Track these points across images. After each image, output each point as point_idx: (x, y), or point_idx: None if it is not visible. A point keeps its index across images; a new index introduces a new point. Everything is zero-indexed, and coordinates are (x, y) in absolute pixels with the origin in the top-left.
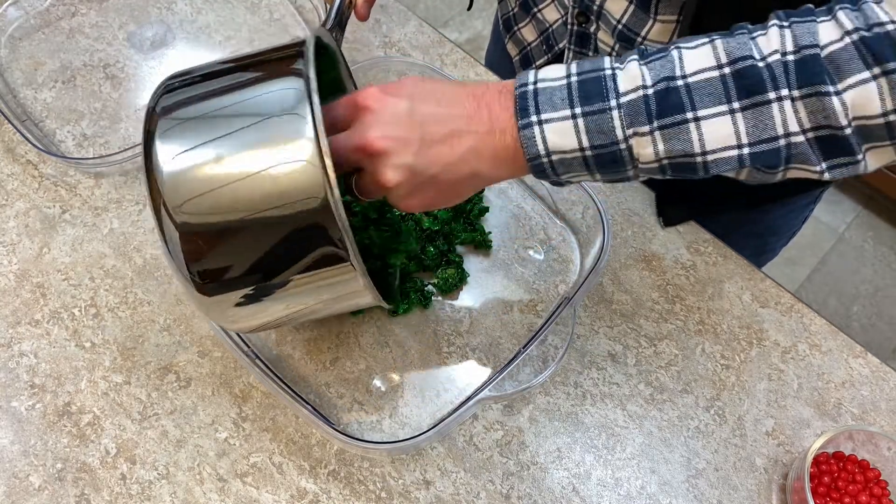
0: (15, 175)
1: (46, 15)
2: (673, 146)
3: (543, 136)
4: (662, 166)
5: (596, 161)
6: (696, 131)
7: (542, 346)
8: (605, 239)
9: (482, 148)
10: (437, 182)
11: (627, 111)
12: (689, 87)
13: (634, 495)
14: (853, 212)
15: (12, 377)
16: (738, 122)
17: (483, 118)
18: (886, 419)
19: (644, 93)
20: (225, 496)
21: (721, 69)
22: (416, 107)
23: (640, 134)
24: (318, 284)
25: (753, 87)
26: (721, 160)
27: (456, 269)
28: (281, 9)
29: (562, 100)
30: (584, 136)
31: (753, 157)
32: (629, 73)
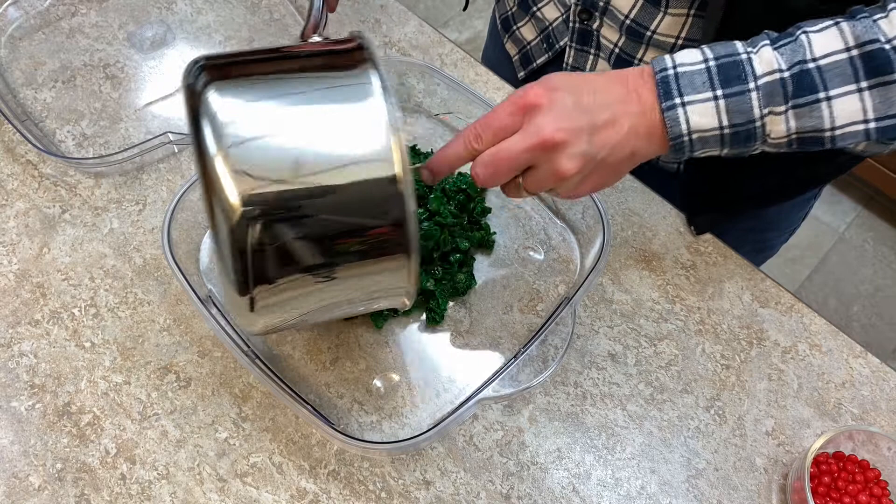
0: (15, 175)
1: (46, 15)
2: (805, 123)
3: (686, 116)
4: (791, 141)
5: (732, 138)
6: (828, 109)
7: (542, 346)
8: (605, 239)
9: (639, 127)
10: (605, 164)
11: (765, 92)
12: (821, 69)
13: (634, 495)
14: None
15: (12, 377)
16: (865, 100)
17: (633, 100)
18: (886, 419)
19: (780, 76)
20: (225, 496)
21: (850, 51)
22: (580, 97)
23: (776, 113)
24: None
25: (881, 67)
26: (848, 134)
27: (466, 274)
28: (281, 9)
29: (703, 83)
30: (725, 115)
31: (879, 130)
32: (764, 57)
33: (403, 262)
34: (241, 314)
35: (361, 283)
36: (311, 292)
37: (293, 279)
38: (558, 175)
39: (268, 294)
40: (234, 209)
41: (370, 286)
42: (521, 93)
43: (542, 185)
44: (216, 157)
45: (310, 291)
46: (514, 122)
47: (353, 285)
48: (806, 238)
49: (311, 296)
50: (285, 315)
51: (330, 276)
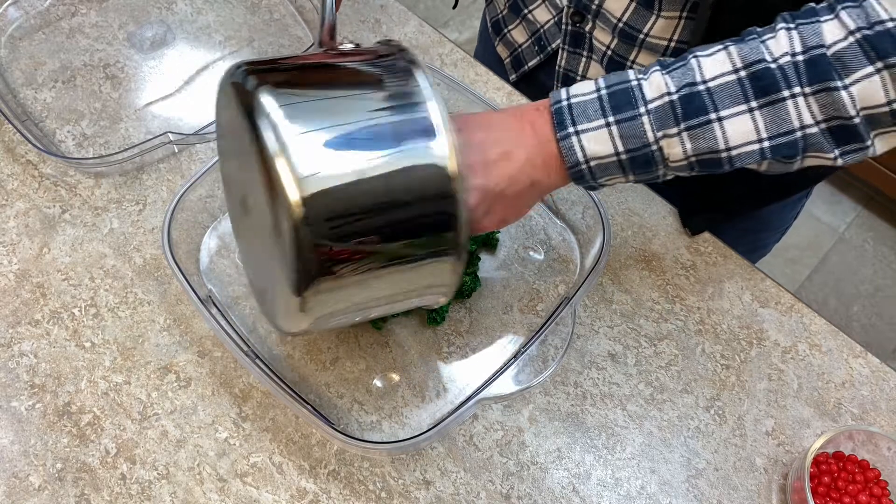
0: (15, 175)
1: (46, 15)
2: (699, 144)
3: (581, 144)
4: (691, 163)
5: (630, 163)
6: (720, 129)
7: (542, 346)
8: (605, 239)
9: (534, 158)
10: (505, 197)
11: (656, 116)
12: (710, 90)
13: (634, 495)
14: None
15: (12, 377)
16: (757, 119)
17: (528, 133)
18: (886, 419)
19: (669, 99)
20: (225, 496)
21: (738, 73)
22: (470, 136)
23: (669, 136)
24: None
25: (768, 86)
26: (744, 154)
27: (471, 276)
28: (281, 9)
29: (595, 111)
30: (619, 141)
31: (773, 149)
32: (653, 83)
33: (453, 261)
34: (289, 315)
35: (409, 282)
36: (361, 291)
37: (348, 277)
38: None
39: (321, 293)
40: (295, 207)
41: (415, 285)
42: None
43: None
44: (276, 155)
45: (360, 290)
46: None
47: (400, 285)
48: (806, 238)
49: (361, 294)
50: (332, 312)
51: (381, 275)
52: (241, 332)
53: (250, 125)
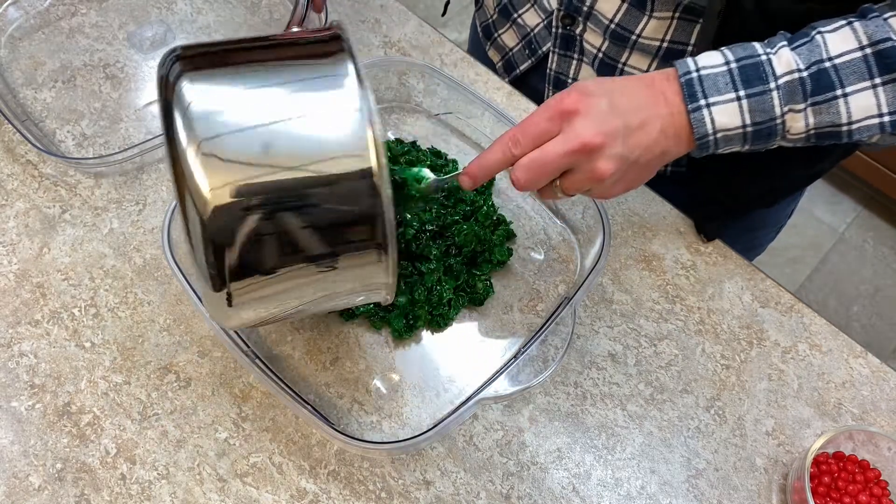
0: (15, 175)
1: (46, 15)
2: (823, 119)
3: (712, 117)
4: (809, 136)
5: (754, 135)
6: (845, 105)
7: (542, 346)
8: (605, 239)
9: (668, 128)
10: (637, 165)
11: (785, 91)
12: (837, 67)
13: (634, 495)
14: (853, 212)
15: (12, 377)
16: (880, 95)
17: (661, 102)
18: (886, 419)
19: (799, 75)
20: (225, 496)
21: (863, 50)
22: (614, 101)
23: (796, 111)
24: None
25: (894, 64)
26: (864, 127)
27: (484, 283)
28: (281, 9)
29: (725, 84)
30: (748, 115)
31: (893, 123)
32: (783, 58)
33: (379, 256)
34: (219, 310)
35: (338, 278)
36: (287, 287)
37: (268, 273)
38: (596, 177)
39: (244, 288)
40: (207, 202)
41: (348, 281)
42: (558, 99)
43: (579, 186)
44: (188, 149)
45: (286, 286)
46: (552, 127)
47: (329, 280)
48: (806, 238)
49: (289, 291)
50: (263, 310)
51: (306, 271)
52: (241, 332)
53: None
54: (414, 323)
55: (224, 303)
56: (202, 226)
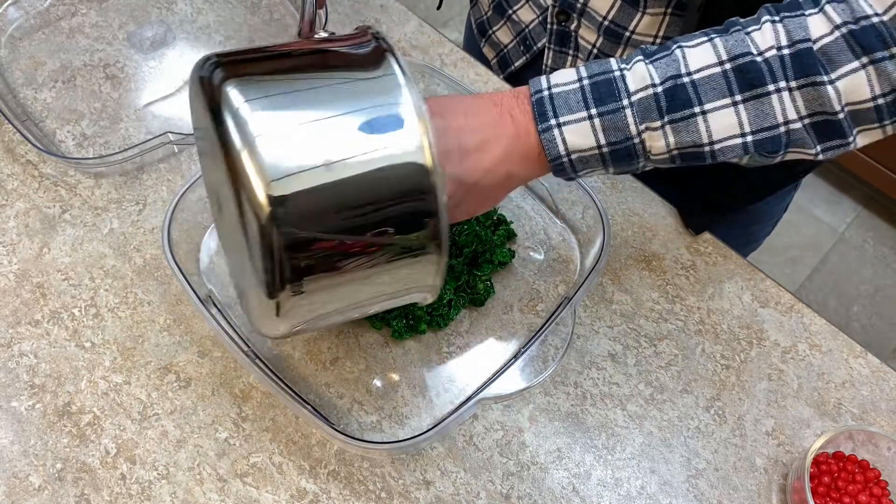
0: (15, 175)
1: (46, 15)
2: (683, 138)
3: (563, 137)
4: (672, 156)
5: (612, 156)
6: (704, 123)
7: (542, 346)
8: (605, 239)
9: (512, 151)
10: (478, 188)
11: (639, 108)
12: (695, 83)
13: (634, 495)
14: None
15: (12, 377)
16: (741, 113)
17: (507, 123)
18: (886, 419)
19: (654, 91)
20: (225, 496)
21: (723, 65)
22: (448, 122)
23: (652, 129)
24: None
25: (754, 80)
26: (727, 148)
27: (485, 283)
28: (281, 9)
29: (577, 102)
30: (601, 134)
31: (756, 144)
32: (637, 73)
33: (434, 257)
34: (266, 318)
35: (390, 282)
36: (338, 292)
37: (323, 278)
38: None
39: (296, 296)
40: (263, 206)
41: (397, 285)
42: None
43: None
44: (242, 152)
45: (338, 291)
46: None
47: (380, 283)
48: (806, 238)
49: (338, 296)
50: (310, 316)
51: (360, 275)
52: (241, 332)
53: (216, 121)
54: (414, 323)
55: (273, 311)
56: (259, 230)
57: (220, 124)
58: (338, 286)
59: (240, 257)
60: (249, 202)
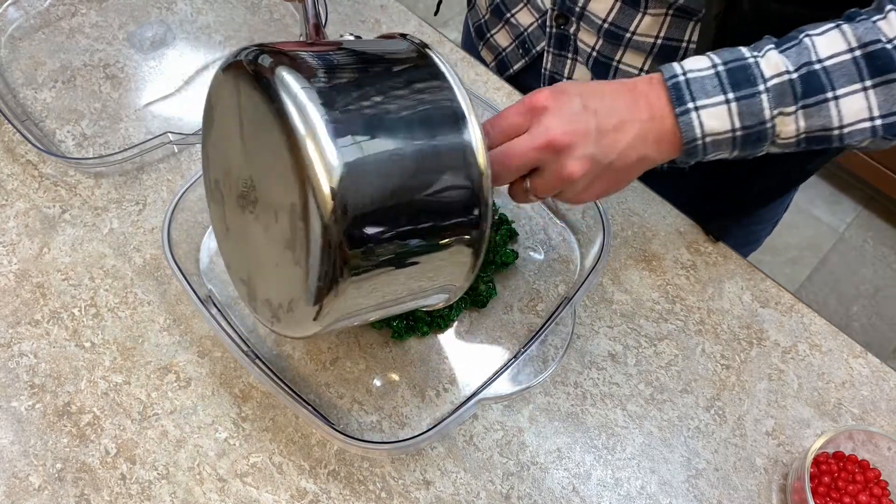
0: (15, 175)
1: (46, 15)
2: (814, 123)
3: (700, 120)
4: (799, 140)
5: (743, 140)
6: (836, 108)
7: (542, 346)
8: (605, 239)
9: (647, 133)
10: (612, 169)
11: (774, 94)
12: (827, 69)
13: (634, 495)
14: (853, 212)
15: (12, 377)
16: (870, 98)
17: (642, 106)
18: (886, 419)
19: (789, 77)
20: (225, 496)
21: (853, 52)
22: (587, 102)
23: (786, 114)
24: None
25: (884, 66)
26: (856, 131)
27: (487, 285)
28: (281, 9)
29: (714, 87)
30: (737, 118)
31: (885, 127)
32: (770, 61)
33: (471, 259)
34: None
35: (425, 281)
36: (376, 294)
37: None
38: (564, 177)
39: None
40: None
41: (430, 284)
42: (532, 95)
43: (548, 187)
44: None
45: (376, 293)
46: (523, 122)
47: (415, 285)
48: (806, 238)
49: (374, 298)
50: (342, 319)
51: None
52: (241, 332)
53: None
54: (414, 324)
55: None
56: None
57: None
58: (377, 288)
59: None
60: (312, 195)
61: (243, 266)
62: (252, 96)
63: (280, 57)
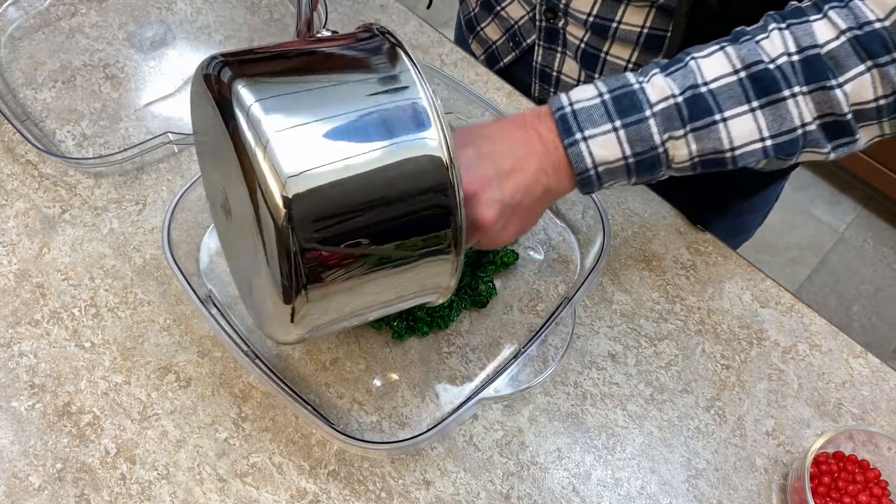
0: (15, 175)
1: (46, 15)
2: (705, 145)
3: (590, 150)
4: (694, 164)
5: (637, 167)
6: (725, 130)
7: (542, 346)
8: (605, 239)
9: (546, 165)
10: (521, 207)
11: (662, 118)
12: (713, 92)
13: (634, 495)
14: (853, 212)
15: (12, 377)
16: (759, 119)
17: (534, 141)
18: (886, 419)
19: (675, 101)
20: (225, 496)
21: (738, 73)
22: (480, 149)
23: (675, 137)
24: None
25: (769, 87)
26: (748, 153)
27: (487, 285)
28: (281, 9)
29: (601, 115)
30: (627, 145)
31: (776, 147)
32: (656, 85)
33: (451, 258)
34: (279, 324)
35: (406, 283)
36: (353, 296)
37: (341, 283)
38: (479, 225)
39: (312, 301)
40: (280, 207)
41: (413, 286)
42: None
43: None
44: (256, 151)
45: (353, 295)
46: None
47: (396, 288)
48: (806, 238)
49: (353, 300)
50: (325, 321)
51: (376, 278)
52: (241, 332)
53: (227, 120)
54: (414, 324)
55: (287, 317)
56: (277, 232)
57: (232, 124)
58: (353, 290)
59: (250, 261)
60: (265, 203)
61: (239, 268)
62: (214, 111)
63: (241, 68)
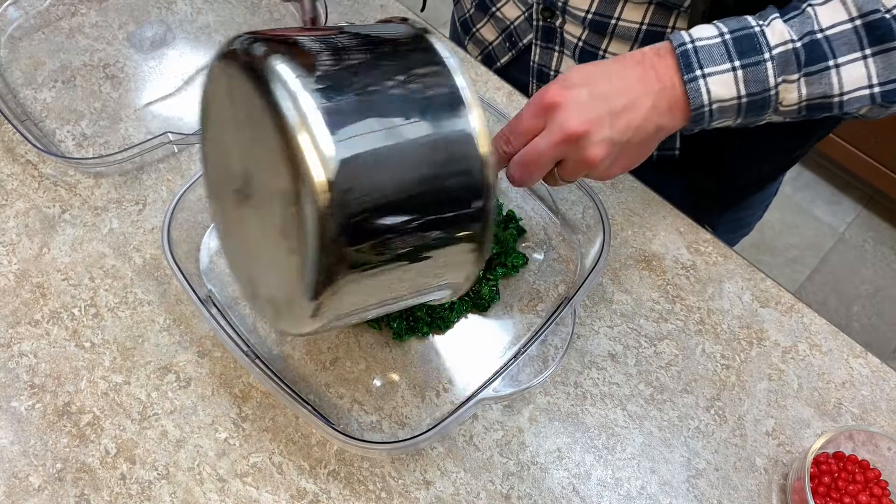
0: (15, 175)
1: (46, 15)
2: (814, 90)
3: (707, 87)
4: (801, 107)
5: (747, 107)
6: (836, 76)
7: (542, 346)
8: (605, 239)
9: (660, 103)
10: (631, 145)
11: (779, 62)
12: (829, 38)
13: (634, 495)
14: (853, 212)
15: (12, 377)
16: (870, 66)
17: (651, 78)
18: (886, 419)
19: (793, 46)
20: (225, 496)
21: (853, 21)
22: (594, 89)
23: (789, 81)
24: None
25: (884, 35)
26: (855, 98)
27: (490, 287)
28: (281, 9)
29: (721, 54)
30: (742, 84)
31: (883, 94)
32: (776, 30)
33: (476, 252)
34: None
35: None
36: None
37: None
38: (587, 163)
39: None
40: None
41: (434, 280)
42: (540, 94)
43: (575, 173)
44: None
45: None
46: (538, 123)
47: (419, 280)
48: (806, 238)
49: (376, 293)
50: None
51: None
52: (241, 332)
53: (266, 95)
54: (414, 324)
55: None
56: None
57: (270, 99)
58: (379, 283)
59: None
60: (305, 186)
61: (245, 264)
62: (246, 86)
63: (274, 45)
